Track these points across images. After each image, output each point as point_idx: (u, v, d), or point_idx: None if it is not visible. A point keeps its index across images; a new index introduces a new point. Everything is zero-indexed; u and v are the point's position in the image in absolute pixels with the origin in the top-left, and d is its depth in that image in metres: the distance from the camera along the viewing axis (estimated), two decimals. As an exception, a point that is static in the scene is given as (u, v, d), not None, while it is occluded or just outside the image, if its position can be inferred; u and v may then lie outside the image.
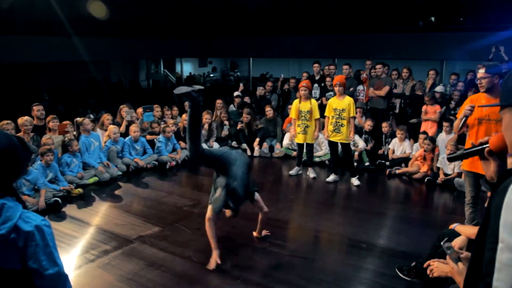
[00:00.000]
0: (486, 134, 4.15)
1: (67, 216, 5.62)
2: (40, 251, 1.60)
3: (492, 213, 1.30)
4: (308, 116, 7.01)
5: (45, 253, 1.61)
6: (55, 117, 7.00)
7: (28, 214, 1.64)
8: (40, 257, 1.60)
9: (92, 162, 6.99)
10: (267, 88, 10.46)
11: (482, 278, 1.29)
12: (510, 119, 1.40)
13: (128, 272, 4.09)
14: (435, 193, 6.64)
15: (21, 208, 1.63)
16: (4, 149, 1.61)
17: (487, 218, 1.33)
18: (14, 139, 1.68)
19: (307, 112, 7.00)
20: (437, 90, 8.41)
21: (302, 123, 7.08)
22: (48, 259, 1.61)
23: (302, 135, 7.12)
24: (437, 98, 8.30)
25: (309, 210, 6.05)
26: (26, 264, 1.59)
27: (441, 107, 8.14)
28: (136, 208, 5.89)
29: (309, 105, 7.00)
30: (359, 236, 4.93)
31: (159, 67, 21.12)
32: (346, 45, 14.05)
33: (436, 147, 7.18)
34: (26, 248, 1.58)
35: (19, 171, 1.71)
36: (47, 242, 1.62)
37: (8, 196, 1.63)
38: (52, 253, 1.63)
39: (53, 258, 1.64)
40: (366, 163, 7.83)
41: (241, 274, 4.07)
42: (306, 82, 7.25)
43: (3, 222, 1.55)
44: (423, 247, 4.10)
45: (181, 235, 4.96)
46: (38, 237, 1.60)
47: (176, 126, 8.65)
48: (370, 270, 4.16)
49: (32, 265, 1.59)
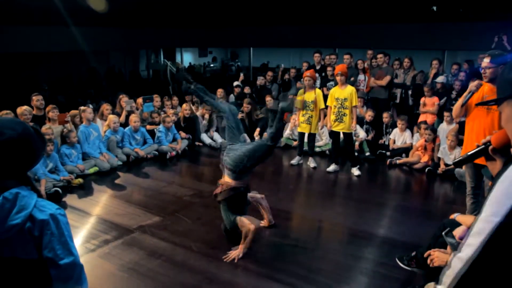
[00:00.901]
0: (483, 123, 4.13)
1: (68, 206, 5.63)
2: (55, 240, 1.58)
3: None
4: (312, 106, 6.98)
5: (60, 242, 1.59)
6: (55, 107, 6.97)
7: (43, 203, 1.62)
8: (55, 246, 1.58)
9: (92, 152, 6.98)
10: (268, 78, 10.42)
11: None
12: (508, 110, 1.38)
13: (129, 262, 4.10)
14: (436, 183, 6.64)
15: (35, 197, 1.61)
16: (19, 137, 1.59)
17: None
18: (30, 128, 1.65)
19: (311, 102, 6.97)
20: (438, 81, 8.36)
21: (306, 112, 7.05)
22: (63, 248, 1.60)
23: (306, 124, 7.10)
24: (438, 88, 8.25)
25: (309, 200, 6.05)
26: (41, 253, 1.58)
27: (441, 98, 8.11)
28: (137, 198, 5.89)
29: (314, 95, 6.98)
30: (359, 226, 4.93)
31: (159, 57, 21.02)
32: (347, 35, 13.96)
33: (437, 137, 7.16)
34: (42, 237, 1.57)
35: (33, 160, 1.69)
36: (62, 231, 1.61)
37: (22, 185, 1.61)
38: (67, 242, 1.62)
39: (68, 247, 1.62)
40: (366, 153, 7.82)
41: (241, 263, 4.07)
42: (310, 72, 7.20)
43: (18, 211, 1.53)
44: (423, 237, 4.11)
45: (182, 224, 4.96)
46: (53, 226, 1.59)
47: (176, 116, 8.63)
48: (370, 259, 4.16)
49: (47, 254, 1.58)
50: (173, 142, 8.12)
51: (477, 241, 1.29)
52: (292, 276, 3.84)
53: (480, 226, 1.29)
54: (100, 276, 3.87)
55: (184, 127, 8.58)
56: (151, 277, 3.85)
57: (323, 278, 3.82)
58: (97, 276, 3.86)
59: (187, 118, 8.62)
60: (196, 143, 8.63)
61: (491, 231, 1.25)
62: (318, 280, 3.77)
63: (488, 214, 1.27)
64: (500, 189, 1.27)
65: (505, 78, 1.40)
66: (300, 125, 7.19)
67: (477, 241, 1.29)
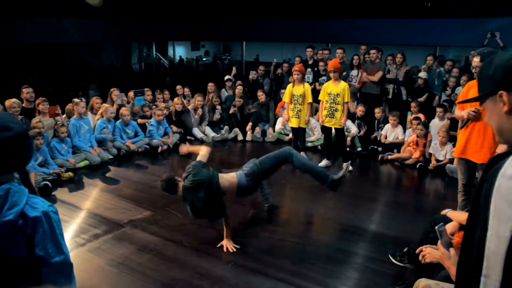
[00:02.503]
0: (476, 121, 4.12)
1: (58, 200, 5.57)
2: (47, 238, 1.55)
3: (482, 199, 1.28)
4: (301, 100, 6.97)
5: (52, 240, 1.56)
6: (45, 100, 6.87)
7: (35, 200, 1.59)
8: (47, 244, 1.55)
9: (83, 145, 6.92)
10: (259, 72, 10.38)
11: (473, 265, 1.28)
12: (491, 106, 1.36)
13: (119, 256, 4.07)
14: (427, 179, 6.66)
15: (27, 192, 1.57)
16: (16, 135, 1.55)
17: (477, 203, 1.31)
18: (23, 125, 1.62)
19: (299, 95, 6.96)
20: (421, 76, 8.38)
21: (294, 107, 7.04)
22: (55, 247, 1.57)
23: (295, 119, 7.08)
24: (420, 84, 8.27)
25: (301, 195, 6.04)
26: (33, 251, 1.55)
27: (424, 94, 8.13)
28: (127, 192, 5.85)
29: (302, 89, 6.96)
30: (350, 221, 4.93)
31: (151, 50, 20.90)
32: (340, 29, 13.94)
33: (428, 133, 7.18)
34: (34, 234, 1.54)
35: (28, 157, 1.66)
36: (54, 229, 1.57)
37: (13, 181, 1.57)
38: (58, 240, 1.59)
39: (60, 245, 1.59)
40: (358, 149, 7.84)
41: (232, 258, 4.06)
42: (299, 66, 7.20)
43: (9, 207, 1.49)
44: (414, 233, 4.11)
45: (172, 219, 4.93)
46: (46, 223, 1.55)
47: (168, 110, 8.57)
48: (361, 255, 4.17)
49: (38, 252, 1.54)
50: (165, 136, 8.07)
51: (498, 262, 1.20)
52: (283, 271, 3.83)
53: (497, 244, 1.24)
54: (89, 271, 3.83)
55: (175, 121, 8.53)
56: (141, 272, 3.82)
57: (314, 273, 3.81)
58: (87, 271, 3.82)
59: (178, 112, 8.57)
60: (188, 137, 8.58)
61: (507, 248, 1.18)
62: (309, 275, 3.77)
63: (502, 230, 1.21)
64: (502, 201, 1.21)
65: (485, 75, 1.38)
66: (290, 119, 7.18)
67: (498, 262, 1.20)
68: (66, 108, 7.40)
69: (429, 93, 8.39)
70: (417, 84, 8.35)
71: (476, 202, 1.32)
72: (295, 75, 6.97)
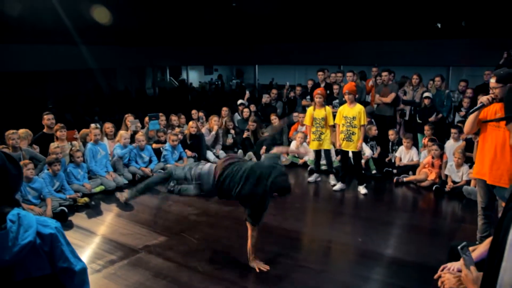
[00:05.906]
0: (495, 141, 4.06)
1: (74, 225, 5.61)
2: (66, 250, 1.69)
3: (504, 227, 1.26)
4: (323, 123, 7.00)
5: (70, 251, 1.71)
6: (63, 126, 6.99)
7: (43, 218, 1.71)
8: (68, 255, 1.69)
9: (99, 170, 6.99)
10: (272, 96, 10.43)
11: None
12: None
13: (134, 283, 4.06)
14: (444, 201, 6.57)
15: (32, 214, 1.67)
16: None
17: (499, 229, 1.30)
18: (2, 156, 1.67)
19: (321, 119, 6.99)
20: (426, 96, 8.33)
21: (316, 130, 7.07)
22: (74, 256, 1.72)
23: (316, 142, 7.10)
24: (426, 104, 8.22)
25: (316, 219, 6.00)
26: (55, 266, 1.66)
27: (432, 114, 8.09)
28: (142, 217, 5.87)
29: (324, 112, 7.00)
30: (367, 245, 4.87)
31: (165, 75, 21.19)
32: (352, 52, 14.04)
33: (444, 154, 7.11)
34: (53, 250, 1.65)
35: (14, 187, 1.73)
36: (67, 241, 1.72)
37: (15, 207, 1.66)
38: (73, 250, 1.74)
39: (76, 254, 1.75)
40: (373, 171, 7.77)
41: (247, 284, 4.03)
42: (321, 89, 7.27)
43: (25, 230, 1.57)
44: (432, 257, 4.06)
45: (187, 244, 4.92)
46: (61, 237, 1.69)
47: (183, 134, 8.64)
48: (378, 280, 4.11)
49: (62, 264, 1.67)
50: (179, 161, 8.11)
51: None
52: (299, 297, 3.79)
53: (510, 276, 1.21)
54: (105, 298, 3.83)
55: (189, 145, 8.57)
56: (157, 298, 3.81)
57: (331, 299, 3.76)
58: (103, 297, 3.82)
59: (193, 136, 8.62)
60: (202, 161, 8.58)
61: None
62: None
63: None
64: None
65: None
66: (311, 142, 7.20)
67: None
68: (80, 133, 7.50)
69: (436, 113, 8.31)
70: (423, 104, 8.30)
71: (499, 228, 1.31)
72: (317, 98, 7.01)
